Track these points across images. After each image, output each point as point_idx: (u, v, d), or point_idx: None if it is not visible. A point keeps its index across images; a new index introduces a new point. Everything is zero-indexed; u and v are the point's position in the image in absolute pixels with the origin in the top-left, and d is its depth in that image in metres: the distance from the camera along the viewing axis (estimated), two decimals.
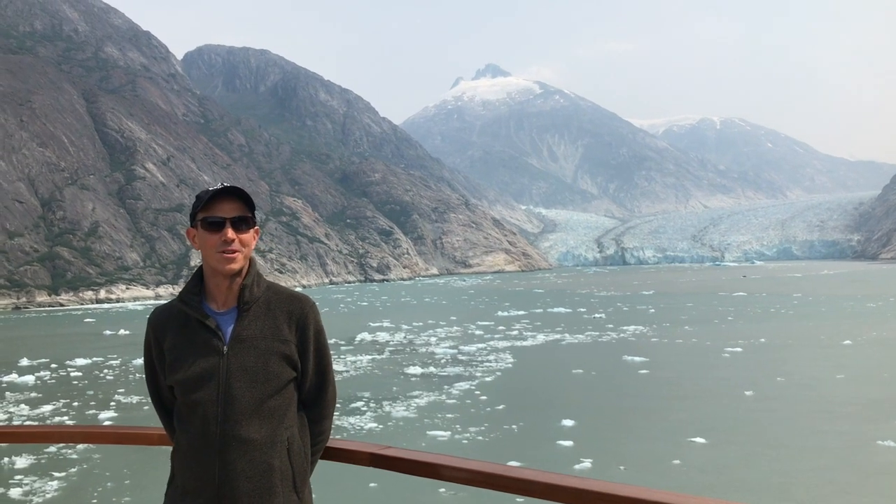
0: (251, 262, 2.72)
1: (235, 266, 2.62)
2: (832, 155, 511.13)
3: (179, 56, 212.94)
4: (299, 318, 2.68)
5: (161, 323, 2.70)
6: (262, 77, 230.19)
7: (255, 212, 2.73)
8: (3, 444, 14.41)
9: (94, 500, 11.76)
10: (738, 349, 28.35)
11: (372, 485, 11.91)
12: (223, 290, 2.65)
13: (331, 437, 2.91)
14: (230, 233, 2.60)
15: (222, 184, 2.67)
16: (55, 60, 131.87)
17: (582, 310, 50.77)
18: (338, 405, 17.93)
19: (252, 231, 2.69)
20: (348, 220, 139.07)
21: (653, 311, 48.68)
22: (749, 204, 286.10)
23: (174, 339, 2.64)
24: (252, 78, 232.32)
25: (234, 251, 2.60)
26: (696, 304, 53.24)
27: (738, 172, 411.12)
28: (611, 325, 39.08)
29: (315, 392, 2.78)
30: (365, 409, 18.54)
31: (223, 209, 2.63)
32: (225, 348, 2.58)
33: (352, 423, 16.90)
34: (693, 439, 14.96)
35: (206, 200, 2.64)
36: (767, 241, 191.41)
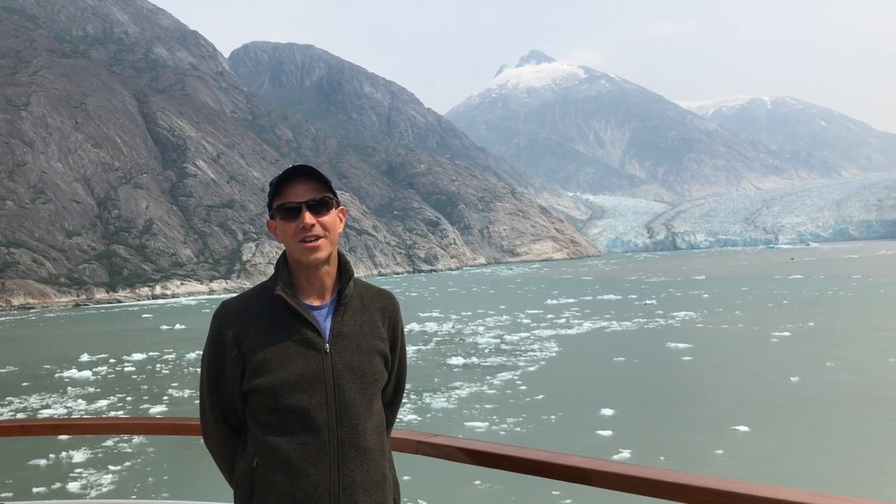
0: (340, 251, 2.49)
1: (321, 255, 2.37)
2: (889, 132, 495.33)
3: (226, 54, 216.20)
4: (391, 314, 2.51)
5: (241, 319, 2.36)
6: (308, 72, 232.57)
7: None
8: (63, 438, 15.02)
9: (146, 492, 12.24)
10: (787, 334, 27.93)
11: (406, 478, 12.11)
12: (314, 283, 2.41)
13: None
14: (308, 217, 2.34)
15: (293, 165, 2.39)
16: (107, 63, 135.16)
17: (632, 296, 50.41)
18: None
19: (334, 212, 2.43)
20: (395, 212, 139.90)
21: (706, 296, 48.12)
22: (803, 184, 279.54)
23: (261, 338, 2.32)
24: (298, 73, 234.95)
25: (315, 237, 2.35)
26: (750, 289, 52.40)
27: (790, 152, 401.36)
28: (661, 312, 38.77)
29: (393, 393, 2.60)
30: (405, 400, 18.71)
31: (296, 192, 2.35)
32: (326, 346, 2.32)
33: None
34: (736, 428, 14.85)
35: (277, 186, 2.37)
36: (823, 221, 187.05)
